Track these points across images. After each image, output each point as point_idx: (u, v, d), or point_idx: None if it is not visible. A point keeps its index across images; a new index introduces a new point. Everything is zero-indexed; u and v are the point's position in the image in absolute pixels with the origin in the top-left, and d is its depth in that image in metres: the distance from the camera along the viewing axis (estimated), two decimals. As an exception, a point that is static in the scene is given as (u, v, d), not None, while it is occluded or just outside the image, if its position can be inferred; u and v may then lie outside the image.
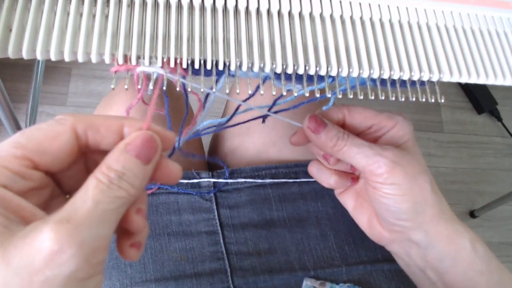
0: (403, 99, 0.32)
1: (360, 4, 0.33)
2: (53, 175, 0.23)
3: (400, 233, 0.36)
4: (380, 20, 0.33)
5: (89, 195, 0.20)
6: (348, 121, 0.37)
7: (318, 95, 0.31)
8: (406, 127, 0.36)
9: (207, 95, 0.37)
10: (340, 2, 0.32)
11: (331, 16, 0.32)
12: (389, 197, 0.34)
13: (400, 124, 0.36)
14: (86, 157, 0.25)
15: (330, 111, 0.37)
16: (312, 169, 0.40)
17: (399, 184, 0.33)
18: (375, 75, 0.31)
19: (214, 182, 0.51)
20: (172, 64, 0.28)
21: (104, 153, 0.22)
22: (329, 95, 0.32)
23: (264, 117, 0.43)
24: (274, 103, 0.40)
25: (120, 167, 0.21)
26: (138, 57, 0.27)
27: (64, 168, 0.23)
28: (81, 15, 0.28)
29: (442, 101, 0.32)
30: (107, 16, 0.28)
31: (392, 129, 0.36)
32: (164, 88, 0.28)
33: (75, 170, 0.24)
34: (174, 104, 0.57)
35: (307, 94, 0.30)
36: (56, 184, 0.24)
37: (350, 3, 0.33)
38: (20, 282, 0.17)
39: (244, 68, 0.29)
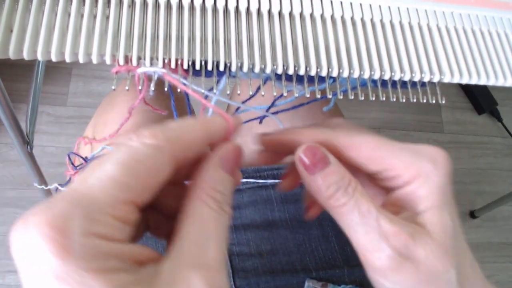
0: (404, 100, 0.32)
1: (361, 5, 0.33)
2: None
3: None
4: (381, 21, 0.33)
5: (211, 230, 0.19)
6: (345, 158, 0.24)
7: (319, 96, 0.31)
8: (434, 181, 0.23)
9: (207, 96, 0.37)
10: (341, 3, 0.32)
11: (332, 17, 0.32)
12: None
13: (424, 177, 0.23)
14: None
15: (313, 133, 0.25)
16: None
17: (407, 285, 0.22)
18: (376, 76, 0.31)
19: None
20: (173, 65, 0.28)
21: None
22: (330, 96, 0.32)
23: (261, 118, 0.43)
24: (273, 103, 0.40)
25: (223, 188, 0.20)
26: (139, 58, 0.27)
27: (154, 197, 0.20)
28: (82, 16, 0.28)
29: (443, 102, 0.32)
30: (108, 17, 0.28)
31: (410, 184, 0.23)
32: (166, 89, 0.28)
33: None
34: (176, 105, 0.57)
35: (308, 95, 0.30)
36: None
37: (351, 4, 0.33)
38: None
39: (245, 69, 0.29)
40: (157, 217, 0.23)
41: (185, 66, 0.28)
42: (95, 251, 0.16)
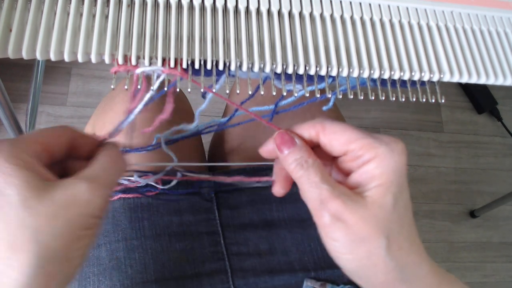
0: (403, 99, 0.32)
1: (360, 4, 0.33)
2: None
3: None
4: (381, 20, 0.33)
5: (106, 164, 0.29)
6: (322, 142, 0.30)
7: (318, 95, 0.31)
8: (386, 164, 0.28)
9: (205, 92, 0.36)
10: (341, 2, 0.32)
11: (332, 16, 0.32)
12: (332, 252, 0.30)
13: (380, 159, 0.28)
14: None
15: (305, 126, 0.31)
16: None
17: (340, 242, 0.28)
18: (376, 75, 0.31)
19: (214, 183, 0.51)
20: (172, 65, 0.28)
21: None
22: (329, 95, 0.32)
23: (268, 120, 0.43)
24: (276, 106, 0.40)
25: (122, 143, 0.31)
26: (138, 58, 0.27)
27: (60, 157, 0.29)
28: (81, 15, 0.28)
29: (443, 101, 0.32)
30: (107, 16, 0.28)
31: (367, 163, 0.28)
32: (166, 88, 0.28)
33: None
34: (176, 105, 0.57)
35: (307, 94, 0.30)
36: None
37: (351, 3, 0.33)
38: (65, 215, 0.25)
39: (244, 68, 0.29)
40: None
41: (184, 66, 0.28)
42: (13, 154, 0.25)
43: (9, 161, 0.24)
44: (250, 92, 0.30)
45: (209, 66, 0.28)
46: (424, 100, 0.32)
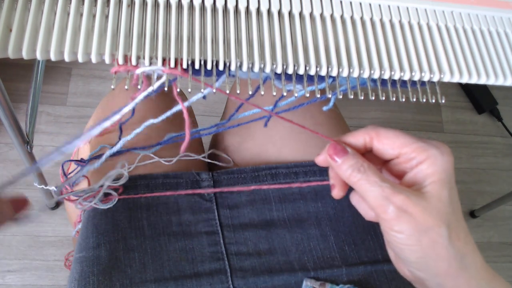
0: (403, 99, 0.32)
1: (360, 4, 0.33)
2: None
3: (415, 277, 0.34)
4: (381, 20, 0.33)
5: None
6: (376, 147, 0.33)
7: (318, 96, 0.31)
8: (438, 164, 0.31)
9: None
10: (341, 2, 0.32)
11: (332, 16, 0.32)
12: (396, 244, 0.31)
13: (432, 160, 0.31)
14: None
15: (356, 133, 0.33)
16: (353, 199, 0.37)
17: (406, 234, 0.30)
18: (376, 76, 0.31)
19: (214, 182, 0.51)
20: (172, 65, 0.28)
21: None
22: (329, 96, 0.32)
23: (266, 119, 0.43)
24: (275, 105, 0.40)
25: None
26: (138, 57, 0.27)
27: None
28: (81, 15, 0.28)
29: (443, 101, 0.32)
30: (107, 16, 0.28)
31: (421, 164, 0.31)
32: (166, 88, 0.28)
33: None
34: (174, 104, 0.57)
35: (307, 95, 0.30)
36: None
37: (351, 3, 0.33)
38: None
39: (245, 68, 0.29)
40: None
41: (185, 66, 0.28)
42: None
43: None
44: (250, 92, 0.30)
45: (209, 66, 0.28)
46: (424, 100, 0.32)
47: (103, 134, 0.51)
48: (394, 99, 0.32)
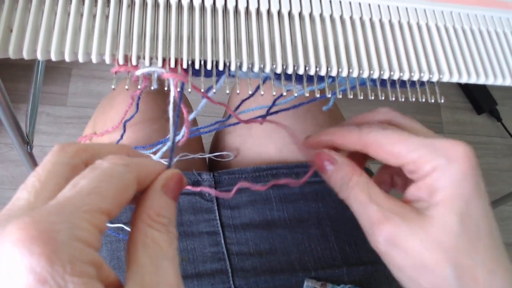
0: (403, 100, 0.32)
1: (360, 4, 0.33)
2: None
3: None
4: (380, 20, 0.33)
5: (163, 253, 0.20)
6: (373, 156, 0.27)
7: (318, 95, 0.31)
8: (447, 177, 0.24)
9: (207, 92, 0.37)
10: (340, 2, 0.32)
11: (331, 16, 0.32)
12: (397, 279, 0.25)
13: (439, 172, 0.24)
14: None
15: (348, 137, 0.28)
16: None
17: (401, 271, 0.24)
18: (375, 76, 0.31)
19: (215, 183, 0.51)
20: (172, 65, 0.28)
21: None
22: (329, 95, 0.32)
23: (262, 117, 0.43)
24: (273, 103, 0.40)
25: (168, 213, 0.21)
26: (138, 58, 0.27)
27: None
28: (81, 15, 0.28)
29: (442, 101, 0.32)
30: (107, 17, 0.28)
31: (428, 176, 0.24)
32: (166, 88, 0.28)
33: None
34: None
35: (307, 94, 0.30)
36: None
37: (350, 3, 0.33)
38: None
39: (244, 68, 0.29)
40: None
41: (185, 66, 0.28)
42: (78, 255, 0.16)
43: (71, 271, 0.16)
44: (250, 92, 0.30)
45: (209, 67, 0.28)
46: (423, 100, 0.32)
47: (103, 134, 0.51)
48: (393, 99, 0.32)
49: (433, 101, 0.32)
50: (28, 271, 0.15)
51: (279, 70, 0.29)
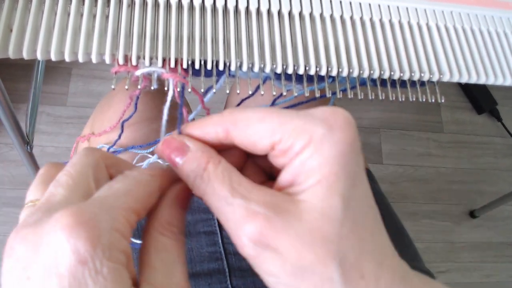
0: (403, 99, 0.32)
1: (360, 4, 0.33)
2: None
3: None
4: (380, 20, 0.33)
5: (177, 260, 0.21)
6: (238, 141, 0.22)
7: (318, 95, 0.31)
8: (326, 150, 0.19)
9: (206, 92, 0.37)
10: (341, 2, 0.32)
11: (331, 16, 0.32)
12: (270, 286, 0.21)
13: (316, 144, 0.19)
14: None
15: (204, 124, 0.22)
16: None
17: (278, 278, 0.20)
18: (375, 75, 0.31)
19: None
20: (172, 65, 0.28)
21: None
22: (329, 95, 0.32)
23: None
24: (273, 103, 0.40)
25: (177, 222, 0.23)
26: (138, 58, 0.27)
27: None
28: (81, 15, 0.28)
29: (442, 101, 0.32)
30: (107, 17, 0.28)
31: (301, 153, 0.20)
32: (166, 88, 0.28)
33: None
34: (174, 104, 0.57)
35: (307, 94, 0.30)
36: None
37: (350, 3, 0.33)
38: None
39: (245, 68, 0.29)
40: None
41: (185, 66, 0.28)
42: (116, 243, 0.18)
43: (110, 256, 0.18)
44: (250, 92, 0.30)
45: (209, 66, 0.28)
46: (423, 100, 0.32)
47: (101, 134, 0.51)
48: (393, 99, 0.32)
49: (433, 100, 0.32)
50: (72, 252, 0.17)
51: (279, 70, 0.29)
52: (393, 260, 0.20)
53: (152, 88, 0.28)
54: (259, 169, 0.25)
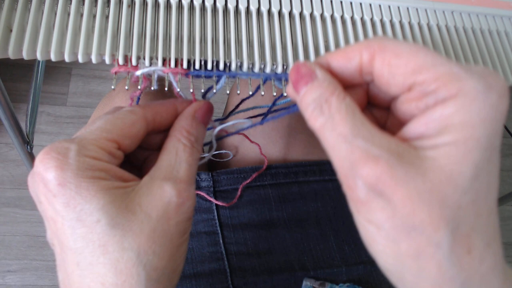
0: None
1: (361, 4, 0.33)
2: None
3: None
4: (381, 20, 0.33)
5: (183, 158, 0.25)
6: (378, 72, 0.20)
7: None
8: (475, 108, 0.17)
9: (206, 93, 0.37)
10: (341, 2, 0.32)
11: (332, 16, 0.32)
12: (365, 237, 0.20)
13: (465, 99, 0.17)
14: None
15: (349, 49, 0.21)
16: None
17: (378, 228, 0.18)
18: (376, 76, 0.31)
19: (213, 182, 0.51)
20: (172, 65, 0.28)
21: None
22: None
23: (263, 119, 0.43)
24: (273, 104, 0.40)
25: (195, 132, 0.27)
26: (138, 58, 0.27)
27: (134, 148, 0.27)
28: (81, 15, 0.28)
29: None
30: (107, 17, 0.28)
31: (443, 104, 0.17)
32: (166, 88, 0.28)
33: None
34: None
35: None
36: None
37: (351, 3, 0.33)
38: (163, 227, 0.23)
39: (245, 68, 0.29)
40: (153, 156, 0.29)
41: (185, 66, 0.28)
42: (86, 165, 0.22)
43: (83, 175, 0.22)
44: (250, 92, 0.30)
45: (209, 67, 0.28)
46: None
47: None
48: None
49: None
50: (52, 178, 0.22)
51: (279, 70, 0.29)
52: (498, 245, 0.19)
53: (152, 88, 0.28)
54: (374, 119, 0.23)
